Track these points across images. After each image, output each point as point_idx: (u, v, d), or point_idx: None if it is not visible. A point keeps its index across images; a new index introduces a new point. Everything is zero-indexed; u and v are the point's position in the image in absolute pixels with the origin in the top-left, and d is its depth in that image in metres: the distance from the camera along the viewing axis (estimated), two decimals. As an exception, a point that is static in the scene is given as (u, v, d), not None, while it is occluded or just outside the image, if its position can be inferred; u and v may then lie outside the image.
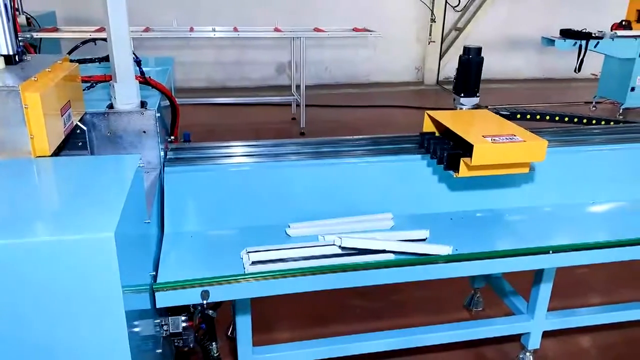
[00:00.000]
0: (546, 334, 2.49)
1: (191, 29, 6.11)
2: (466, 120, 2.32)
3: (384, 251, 1.89)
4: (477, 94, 2.54)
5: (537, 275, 2.32)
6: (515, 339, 2.54)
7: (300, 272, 1.77)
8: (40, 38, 5.00)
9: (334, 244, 1.92)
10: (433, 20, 8.57)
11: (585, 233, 2.19)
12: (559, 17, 8.44)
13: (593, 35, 6.50)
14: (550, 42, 6.63)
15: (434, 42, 8.71)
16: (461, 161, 1.99)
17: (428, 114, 2.32)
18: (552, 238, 2.13)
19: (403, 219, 2.19)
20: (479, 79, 2.54)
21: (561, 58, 8.84)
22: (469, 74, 2.51)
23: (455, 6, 8.66)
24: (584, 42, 6.47)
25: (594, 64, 7.47)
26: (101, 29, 5.90)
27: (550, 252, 1.97)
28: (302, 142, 2.37)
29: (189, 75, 7.81)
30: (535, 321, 2.40)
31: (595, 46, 6.51)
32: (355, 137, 2.58)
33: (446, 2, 8.54)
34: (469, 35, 8.82)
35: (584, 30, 6.53)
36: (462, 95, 2.52)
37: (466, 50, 2.51)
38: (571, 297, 3.05)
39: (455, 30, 8.98)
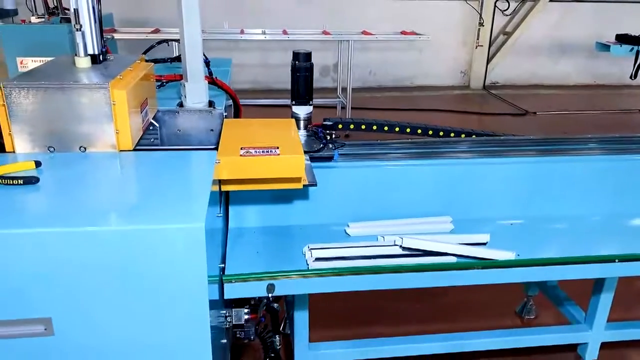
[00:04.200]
0: (604, 345, 2.44)
1: (242, 32, 6.25)
2: (247, 129, 2.09)
3: (445, 254, 1.90)
4: (311, 102, 2.29)
5: (597, 284, 2.28)
6: (571, 349, 2.49)
7: (364, 270, 1.81)
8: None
9: (394, 244, 1.94)
10: (481, 24, 8.46)
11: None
12: (611, 22, 8.18)
13: (651, 40, 6.28)
14: (605, 47, 6.44)
15: (481, 46, 8.59)
16: None
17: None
18: (616, 247, 2.09)
19: (462, 223, 2.19)
20: (311, 87, 2.30)
21: (613, 64, 8.58)
22: (298, 81, 2.27)
23: (505, 10, 8.52)
24: (641, 48, 6.26)
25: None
26: (156, 31, 6.12)
27: (617, 260, 1.93)
28: (359, 144, 2.41)
29: (237, 77, 7.97)
30: (594, 331, 2.35)
31: (653, 52, 6.28)
32: (409, 139, 2.61)
33: (495, 6, 8.42)
34: (517, 40, 8.66)
35: (641, 36, 6.32)
36: (294, 103, 2.29)
37: (295, 55, 2.25)
38: (630, 309, 2.96)
39: (503, 35, 8.84)
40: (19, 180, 1.34)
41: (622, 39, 6.41)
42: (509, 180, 2.32)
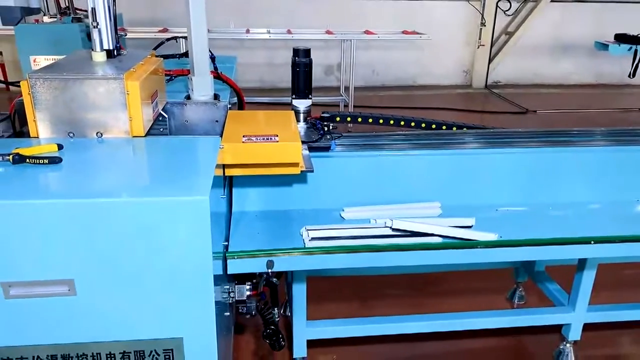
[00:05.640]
0: (589, 328, 2.57)
1: (247, 31, 6.42)
2: (249, 119, 2.25)
3: (432, 235, 2.04)
4: (310, 96, 2.48)
5: (579, 267, 2.41)
6: (556, 330, 2.62)
7: (355, 249, 1.96)
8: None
9: (385, 226, 2.09)
10: (483, 24, 8.59)
11: (630, 228, 2.26)
12: (612, 22, 8.28)
13: (649, 40, 6.38)
14: (604, 46, 6.55)
15: (483, 45, 8.72)
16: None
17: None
18: (596, 231, 2.21)
19: (450, 209, 2.33)
20: (310, 81, 2.49)
21: (614, 63, 8.67)
22: (298, 76, 2.46)
23: (507, 10, 8.64)
24: (639, 47, 6.36)
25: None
26: (164, 30, 6.30)
27: (592, 242, 2.07)
28: (355, 135, 2.56)
29: (244, 76, 8.16)
30: (577, 313, 2.48)
31: (651, 51, 6.39)
32: (406, 132, 2.76)
33: (497, 6, 8.54)
34: (519, 39, 8.78)
35: (639, 35, 6.42)
36: (294, 97, 2.49)
37: (295, 51, 2.45)
38: (615, 296, 3.09)
39: (505, 35, 8.95)
40: (45, 160, 1.51)
41: (620, 38, 6.52)
42: (499, 170, 2.46)
